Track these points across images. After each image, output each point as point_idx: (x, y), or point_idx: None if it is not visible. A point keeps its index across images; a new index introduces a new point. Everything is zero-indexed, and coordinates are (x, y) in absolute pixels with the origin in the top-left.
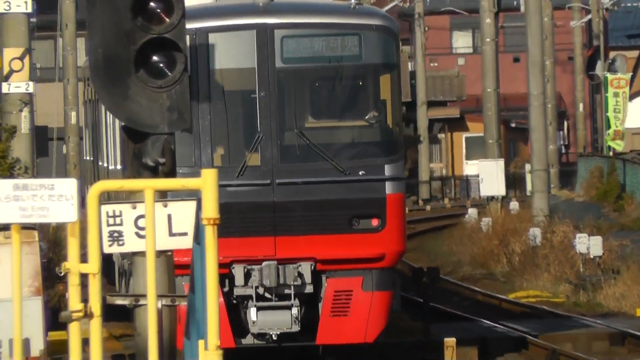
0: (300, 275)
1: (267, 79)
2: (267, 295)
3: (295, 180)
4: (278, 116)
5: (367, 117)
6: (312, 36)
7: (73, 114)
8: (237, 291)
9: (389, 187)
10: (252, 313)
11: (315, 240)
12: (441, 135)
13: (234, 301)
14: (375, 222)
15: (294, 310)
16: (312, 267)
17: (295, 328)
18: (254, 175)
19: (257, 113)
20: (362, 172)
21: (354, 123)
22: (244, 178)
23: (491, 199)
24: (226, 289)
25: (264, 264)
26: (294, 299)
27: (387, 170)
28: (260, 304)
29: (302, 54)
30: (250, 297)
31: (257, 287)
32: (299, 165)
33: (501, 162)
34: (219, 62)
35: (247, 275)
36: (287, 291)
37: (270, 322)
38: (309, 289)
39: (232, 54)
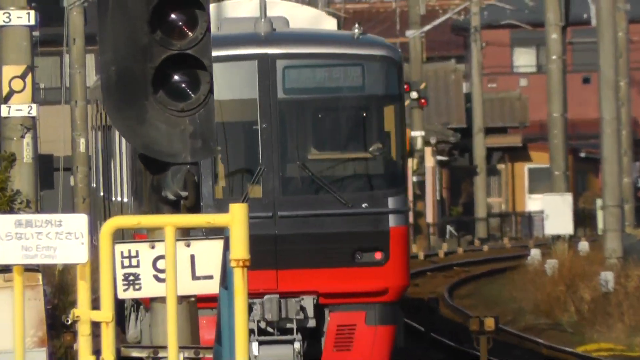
0: (302, 309)
1: (269, 110)
2: (269, 329)
3: (297, 212)
4: (280, 148)
5: (370, 149)
6: (314, 66)
7: (82, 140)
8: None
9: (392, 220)
10: (254, 347)
11: (317, 273)
12: (501, 166)
13: None
14: (378, 256)
15: (297, 345)
16: (315, 300)
17: None
18: (255, 208)
19: (259, 144)
20: (365, 204)
21: (357, 155)
22: None
23: (557, 238)
24: None
25: (265, 297)
26: (297, 333)
27: (391, 202)
28: (262, 338)
29: (304, 85)
30: (252, 331)
31: (259, 321)
32: (301, 198)
33: (569, 197)
34: (220, 93)
35: (249, 309)
36: (289, 325)
37: (273, 356)
38: (312, 323)
39: (233, 84)
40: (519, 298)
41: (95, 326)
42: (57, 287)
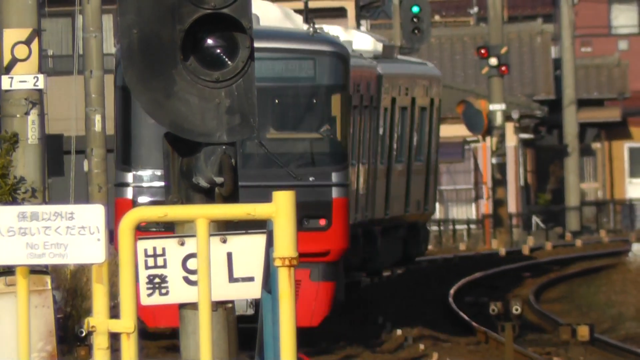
0: None
1: None
2: None
3: (254, 183)
4: None
5: (320, 131)
6: (273, 59)
7: (97, 117)
8: None
9: (335, 192)
10: None
11: None
12: (596, 145)
13: None
14: (322, 222)
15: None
16: None
17: (250, 312)
18: None
19: None
20: (312, 178)
21: (307, 135)
22: None
23: None
24: None
25: None
26: None
27: (334, 177)
28: None
29: (264, 74)
30: None
31: None
32: (258, 171)
33: None
34: None
35: None
36: None
37: None
38: None
39: None
40: (618, 302)
41: (114, 338)
42: (69, 292)
